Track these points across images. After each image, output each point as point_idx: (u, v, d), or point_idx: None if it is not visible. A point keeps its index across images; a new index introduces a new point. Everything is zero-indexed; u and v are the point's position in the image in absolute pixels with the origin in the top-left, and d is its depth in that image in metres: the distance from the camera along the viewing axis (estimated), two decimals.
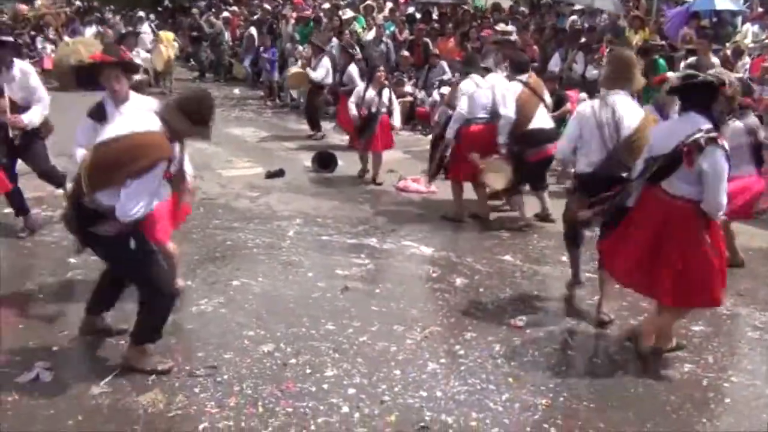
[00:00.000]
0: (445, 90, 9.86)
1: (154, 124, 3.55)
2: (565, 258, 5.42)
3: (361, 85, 8.64)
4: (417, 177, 8.14)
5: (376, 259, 5.81)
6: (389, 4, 16.16)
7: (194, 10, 20.43)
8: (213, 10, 20.53)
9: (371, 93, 8.22)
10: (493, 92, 6.54)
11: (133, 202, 3.48)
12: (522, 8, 15.71)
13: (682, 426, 3.52)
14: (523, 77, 6.63)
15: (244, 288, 5.10)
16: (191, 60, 19.12)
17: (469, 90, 6.60)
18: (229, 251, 5.87)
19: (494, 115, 6.51)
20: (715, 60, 8.64)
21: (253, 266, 5.55)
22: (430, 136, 9.99)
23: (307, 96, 11.44)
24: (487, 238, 6.40)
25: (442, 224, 6.78)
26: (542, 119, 6.53)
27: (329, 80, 11.00)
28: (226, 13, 19.12)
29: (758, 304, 5.05)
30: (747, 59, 10.30)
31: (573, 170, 5.29)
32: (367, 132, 8.14)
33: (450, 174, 6.99)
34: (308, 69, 11.11)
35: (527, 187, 6.93)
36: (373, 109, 8.15)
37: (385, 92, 8.32)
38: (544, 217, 6.85)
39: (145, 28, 17.43)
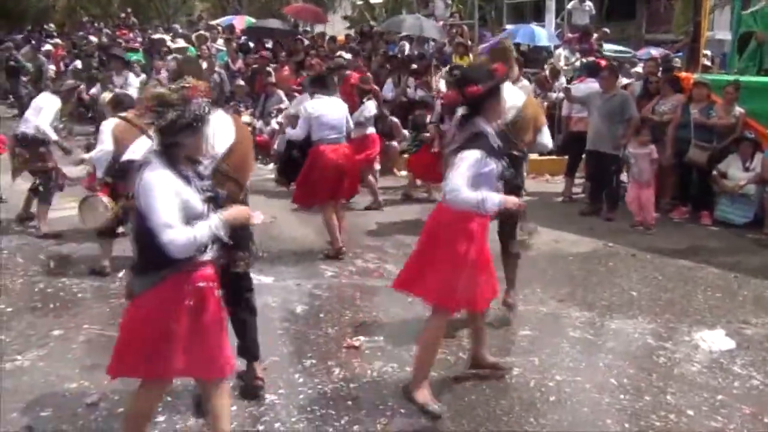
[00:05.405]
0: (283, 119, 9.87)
1: None
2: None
3: None
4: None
5: None
6: (220, 39, 15.95)
7: (9, 44, 18.84)
8: (32, 42, 19.18)
9: None
10: None
11: None
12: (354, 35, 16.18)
13: (511, 428, 3.68)
14: (122, 113, 6.07)
15: (67, 337, 4.74)
16: (10, 96, 17.71)
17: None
18: (51, 299, 5.45)
19: None
20: (525, 82, 9.31)
21: (79, 312, 5.19)
22: (270, 166, 9.93)
23: None
24: (327, 264, 6.41)
25: (282, 252, 6.71)
26: (135, 152, 5.36)
27: None
28: (48, 46, 17.96)
29: (577, 305, 5.44)
30: (562, 79, 11.32)
31: None
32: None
33: None
34: None
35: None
36: None
37: None
38: None
39: None
